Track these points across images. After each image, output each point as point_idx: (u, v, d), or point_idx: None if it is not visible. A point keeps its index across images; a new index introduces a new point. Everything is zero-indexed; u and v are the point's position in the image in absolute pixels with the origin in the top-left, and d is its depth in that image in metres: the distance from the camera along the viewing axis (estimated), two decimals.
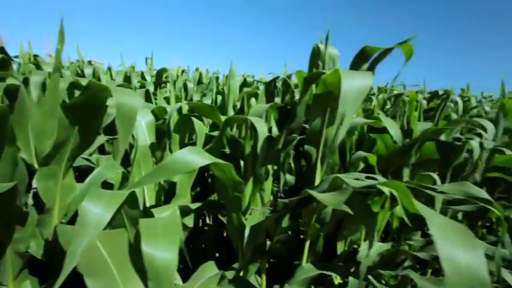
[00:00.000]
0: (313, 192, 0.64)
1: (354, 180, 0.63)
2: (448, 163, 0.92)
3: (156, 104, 1.44)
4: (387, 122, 1.00)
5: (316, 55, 0.92)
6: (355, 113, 0.65)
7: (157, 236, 0.53)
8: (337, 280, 1.19)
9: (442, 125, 1.18)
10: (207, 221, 1.55)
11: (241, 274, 0.98)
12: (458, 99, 1.65)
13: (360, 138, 1.14)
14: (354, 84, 0.62)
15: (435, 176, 0.99)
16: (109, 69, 1.80)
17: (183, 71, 2.38)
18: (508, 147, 1.09)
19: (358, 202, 0.56)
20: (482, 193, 0.75)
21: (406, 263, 1.44)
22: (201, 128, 0.87)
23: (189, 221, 0.98)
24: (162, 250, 0.51)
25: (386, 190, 0.59)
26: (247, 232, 0.82)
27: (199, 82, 2.22)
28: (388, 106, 1.97)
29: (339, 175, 0.66)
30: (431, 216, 0.42)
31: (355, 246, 1.22)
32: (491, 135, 1.16)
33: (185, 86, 1.91)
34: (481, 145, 1.23)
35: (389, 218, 1.25)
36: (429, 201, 1.08)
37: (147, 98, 1.47)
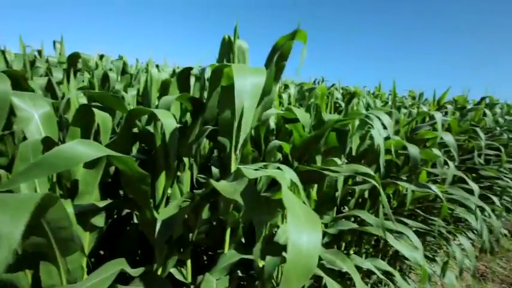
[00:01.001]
0: (213, 182, 0.66)
1: (253, 170, 0.67)
2: (344, 148, 1.05)
3: (63, 94, 1.28)
4: (299, 113, 1.09)
5: (226, 47, 0.94)
6: (254, 105, 0.68)
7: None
8: (261, 263, 1.27)
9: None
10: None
11: (159, 269, 0.97)
12: (368, 96, 1.89)
13: (277, 129, 1.21)
14: (247, 79, 0.65)
15: (338, 160, 1.13)
16: (2, 52, 1.51)
17: (101, 56, 2.14)
18: (397, 134, 1.30)
19: (249, 192, 0.60)
20: (367, 170, 0.89)
21: (325, 240, 1.61)
22: (105, 120, 0.81)
23: (99, 220, 0.92)
24: None
25: (278, 177, 0.64)
26: (158, 226, 0.81)
27: (124, 72, 2.05)
28: (313, 100, 2.13)
29: (239, 166, 0.69)
30: (290, 203, 0.47)
31: (276, 229, 1.32)
32: (387, 125, 1.36)
33: (106, 76, 1.74)
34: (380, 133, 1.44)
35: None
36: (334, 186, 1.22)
37: (51, 87, 1.29)
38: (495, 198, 2.01)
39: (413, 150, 1.20)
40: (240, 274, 1.35)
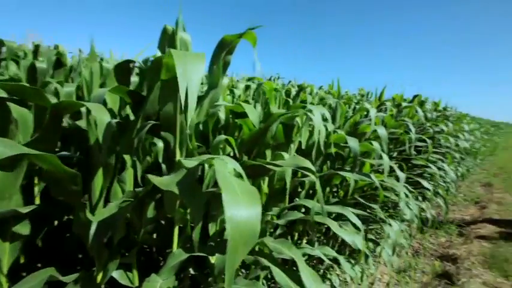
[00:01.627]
0: (150, 177, 0.64)
1: (193, 161, 0.66)
2: (289, 142, 1.10)
3: None
4: (247, 108, 1.10)
5: (167, 39, 0.90)
6: (197, 89, 0.66)
7: None
8: (213, 259, 1.26)
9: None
10: None
11: (99, 275, 0.90)
12: (321, 93, 2.00)
13: (227, 124, 1.21)
14: (187, 66, 0.63)
15: (286, 154, 1.17)
16: None
17: (37, 46, 1.88)
18: (339, 128, 1.39)
19: (186, 182, 0.59)
20: (307, 163, 0.94)
21: (278, 231, 1.67)
22: (23, 115, 0.72)
23: (23, 228, 0.82)
24: None
25: (214, 162, 0.64)
26: (93, 228, 0.75)
27: (61, 64, 1.83)
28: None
29: (180, 158, 0.67)
30: (225, 180, 0.48)
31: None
32: (329, 118, 1.44)
33: (34, 67, 1.53)
34: (326, 128, 1.53)
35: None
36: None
37: None
38: (426, 184, 2.29)
39: (352, 143, 1.31)
40: (192, 272, 1.33)
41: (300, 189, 1.72)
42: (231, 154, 1.32)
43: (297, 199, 1.82)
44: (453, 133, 3.41)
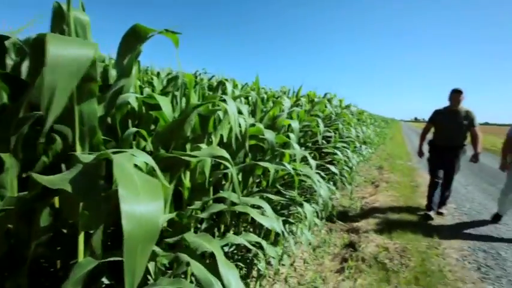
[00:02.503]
0: (35, 175, 0.54)
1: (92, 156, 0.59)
2: (205, 133, 1.10)
3: None
4: (160, 100, 1.05)
5: (59, 17, 0.77)
6: (73, 84, 0.57)
7: None
8: None
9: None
10: None
11: None
12: (229, 86, 2.05)
13: (140, 115, 1.13)
14: (67, 51, 0.55)
15: (204, 146, 1.17)
16: None
17: None
18: (260, 122, 1.46)
19: (83, 181, 0.52)
20: (222, 152, 0.96)
21: (204, 225, 1.66)
22: None
23: None
24: None
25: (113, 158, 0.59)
26: None
27: None
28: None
29: (75, 153, 0.59)
30: (122, 173, 0.45)
31: None
32: (246, 114, 1.50)
33: None
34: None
35: (180, 189, 1.37)
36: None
37: None
38: (334, 169, 2.65)
39: (269, 135, 1.40)
40: (107, 282, 1.20)
41: (224, 182, 1.74)
42: (148, 148, 1.24)
43: (221, 191, 1.85)
44: (355, 126, 4.05)
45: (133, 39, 0.98)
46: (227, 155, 0.90)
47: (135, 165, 0.82)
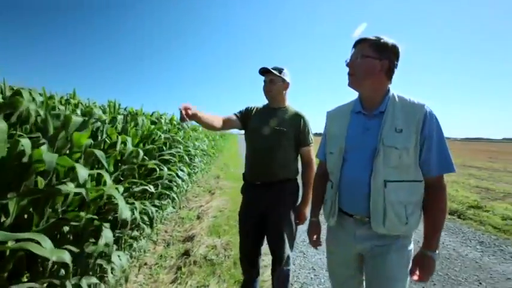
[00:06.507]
0: None
1: None
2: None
3: None
4: None
5: None
6: None
7: None
8: None
9: None
10: None
11: None
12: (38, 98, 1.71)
13: None
14: None
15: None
16: None
17: None
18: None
19: None
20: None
21: None
22: None
23: None
24: None
25: None
26: None
27: None
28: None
29: None
30: None
31: None
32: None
33: None
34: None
35: None
36: None
37: None
38: (151, 188, 2.72)
39: (48, 157, 1.24)
40: None
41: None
42: None
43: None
44: (185, 140, 4.33)
45: None
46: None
47: None
